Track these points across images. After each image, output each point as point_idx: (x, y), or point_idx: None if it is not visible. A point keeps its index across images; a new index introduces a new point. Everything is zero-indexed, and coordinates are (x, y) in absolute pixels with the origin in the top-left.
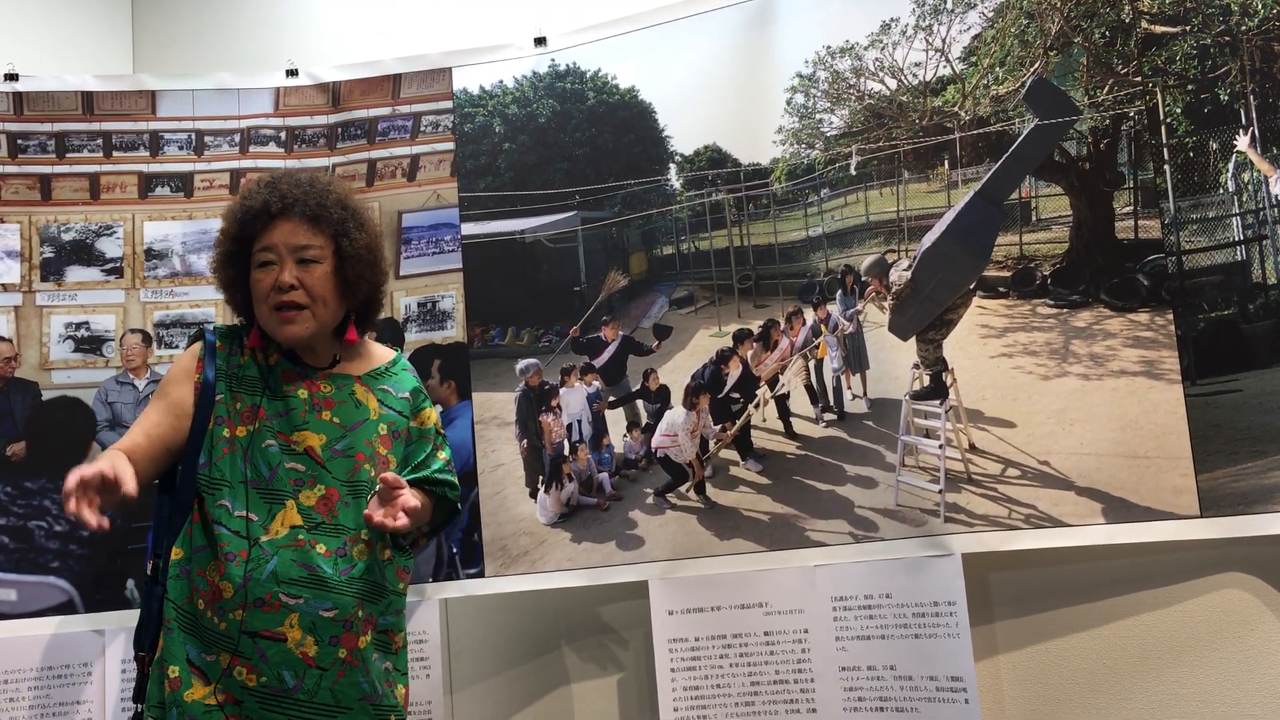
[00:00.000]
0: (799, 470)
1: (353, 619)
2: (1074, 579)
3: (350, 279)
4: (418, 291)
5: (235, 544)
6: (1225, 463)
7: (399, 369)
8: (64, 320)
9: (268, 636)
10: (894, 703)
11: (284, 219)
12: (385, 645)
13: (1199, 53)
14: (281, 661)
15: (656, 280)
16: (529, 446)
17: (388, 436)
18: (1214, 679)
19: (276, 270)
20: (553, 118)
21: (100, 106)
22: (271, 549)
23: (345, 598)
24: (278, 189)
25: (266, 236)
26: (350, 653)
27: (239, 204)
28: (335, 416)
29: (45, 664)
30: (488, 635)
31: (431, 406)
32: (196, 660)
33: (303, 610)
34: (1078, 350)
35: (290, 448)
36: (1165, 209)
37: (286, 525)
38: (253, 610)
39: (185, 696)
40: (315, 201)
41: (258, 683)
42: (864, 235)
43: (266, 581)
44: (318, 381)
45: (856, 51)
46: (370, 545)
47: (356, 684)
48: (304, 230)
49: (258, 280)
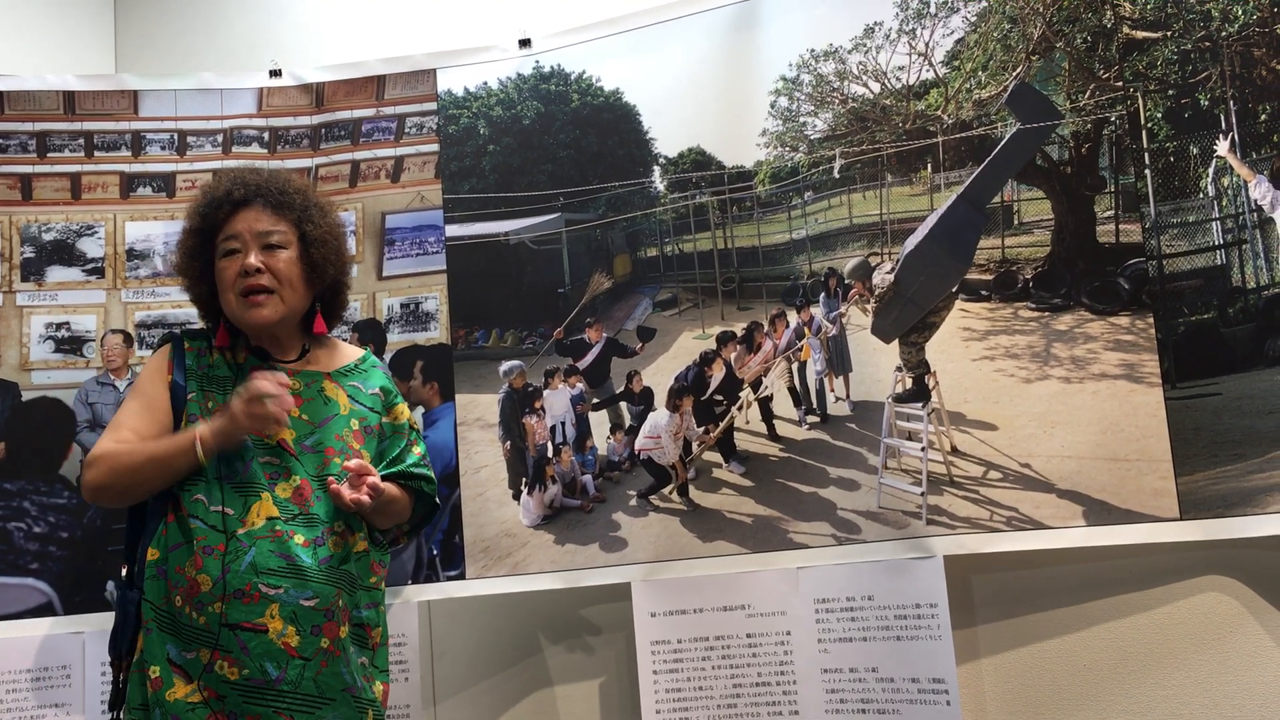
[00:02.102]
0: (782, 472)
1: (333, 608)
2: (1055, 581)
3: (316, 262)
4: (400, 292)
5: (213, 538)
6: (1205, 466)
7: (368, 365)
8: (44, 320)
9: (249, 628)
10: (876, 705)
11: (247, 207)
12: (361, 640)
13: (1180, 58)
14: (263, 653)
15: (640, 282)
16: (512, 448)
17: (359, 432)
18: (1194, 680)
19: (242, 257)
20: (537, 120)
21: (82, 106)
22: (249, 541)
23: (326, 586)
24: (240, 179)
25: (230, 225)
26: (332, 642)
27: (200, 197)
28: (304, 413)
29: (24, 666)
30: (470, 637)
31: (404, 403)
32: (177, 659)
33: (283, 600)
34: (1059, 353)
35: (263, 441)
36: (1146, 213)
37: (263, 517)
38: (232, 602)
39: (167, 696)
40: (277, 189)
41: (240, 676)
42: (847, 238)
43: (245, 573)
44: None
45: (840, 55)
46: (345, 537)
47: (339, 674)
48: (267, 217)
49: (224, 269)
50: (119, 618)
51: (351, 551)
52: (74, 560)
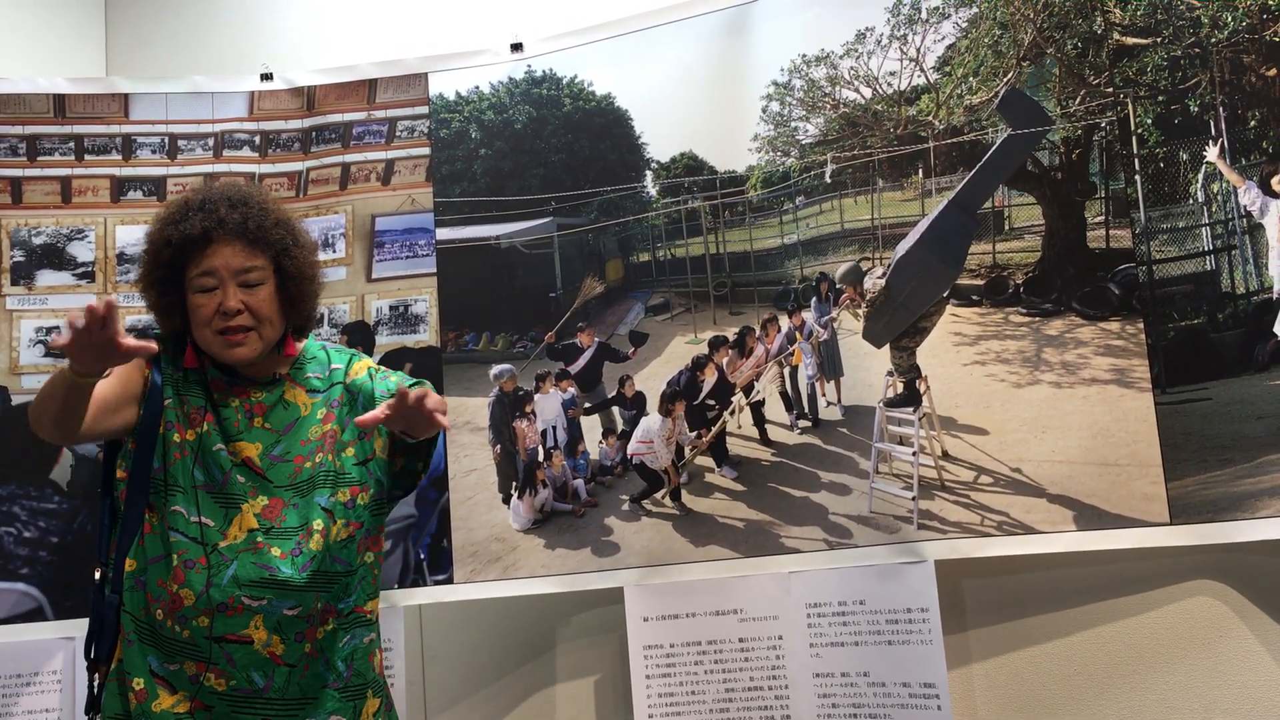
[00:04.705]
0: (774, 477)
1: (313, 613)
2: (1046, 585)
3: (294, 297)
4: (390, 295)
5: (194, 550)
6: (1195, 470)
7: (313, 350)
8: (34, 325)
9: (234, 640)
10: (867, 709)
11: (223, 242)
12: (359, 620)
13: (1170, 64)
14: (250, 663)
15: (632, 287)
16: (502, 452)
17: (328, 414)
18: (1183, 684)
19: (219, 294)
20: (529, 124)
21: (72, 109)
22: (231, 554)
23: (306, 594)
24: (213, 213)
25: (205, 260)
26: (313, 645)
27: (170, 228)
28: (267, 422)
29: (14, 671)
30: (461, 642)
31: (362, 360)
32: (159, 670)
33: (266, 611)
34: (1050, 358)
35: (230, 459)
36: (1136, 219)
37: (244, 529)
38: (216, 616)
39: (153, 707)
40: (255, 224)
41: (227, 687)
42: (839, 243)
43: (228, 586)
44: (247, 389)
45: (832, 60)
46: (324, 533)
47: (319, 674)
48: (244, 252)
49: (200, 305)
50: (95, 621)
51: (330, 545)
52: (64, 565)
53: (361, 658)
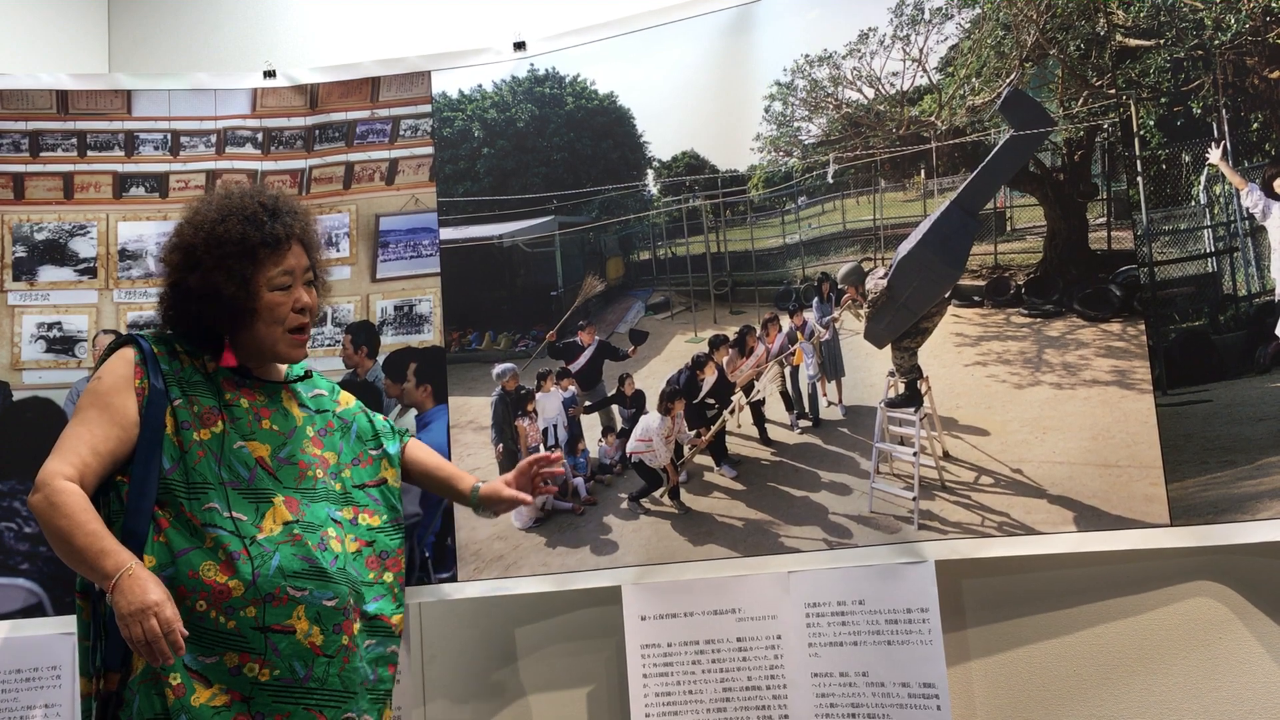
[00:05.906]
0: (773, 476)
1: (348, 607)
2: (1046, 586)
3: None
4: (394, 295)
5: (235, 544)
6: (1195, 472)
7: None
8: (36, 320)
9: (279, 630)
10: (866, 709)
11: (295, 243)
12: (383, 628)
13: (1172, 66)
14: (292, 653)
15: (633, 285)
16: (505, 451)
17: (316, 437)
18: (1183, 685)
19: (294, 293)
20: (531, 122)
21: (75, 105)
22: (271, 545)
23: (341, 586)
24: (280, 217)
25: (285, 259)
26: (350, 639)
27: (254, 230)
28: (274, 424)
29: (14, 666)
30: (461, 639)
31: (342, 392)
32: (194, 665)
33: (308, 602)
34: (1051, 359)
35: (250, 455)
36: (1138, 220)
37: (279, 522)
38: (264, 605)
39: (193, 701)
40: (304, 225)
41: (270, 676)
42: (840, 243)
43: (274, 576)
44: (253, 391)
45: (834, 60)
46: (340, 539)
47: (357, 669)
48: (302, 253)
49: (278, 303)
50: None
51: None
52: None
53: (384, 666)
